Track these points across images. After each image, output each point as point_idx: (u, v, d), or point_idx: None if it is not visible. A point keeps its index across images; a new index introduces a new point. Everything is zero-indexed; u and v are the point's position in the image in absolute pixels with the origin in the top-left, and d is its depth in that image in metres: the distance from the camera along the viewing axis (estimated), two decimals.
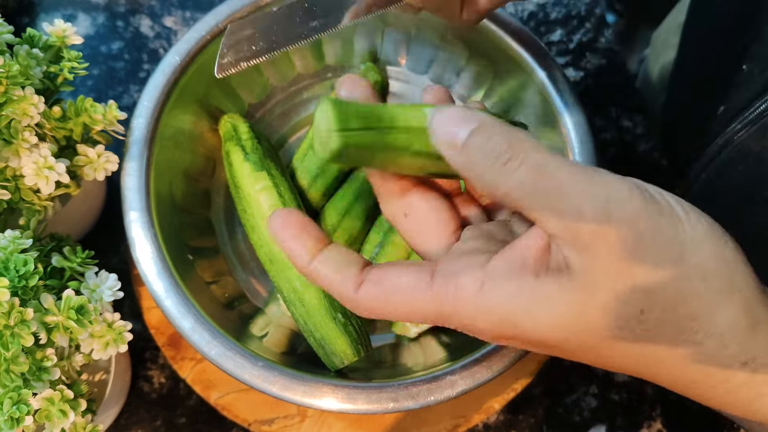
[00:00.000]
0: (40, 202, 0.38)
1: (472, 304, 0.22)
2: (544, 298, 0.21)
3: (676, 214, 0.21)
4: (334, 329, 0.40)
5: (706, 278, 0.21)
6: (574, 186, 0.21)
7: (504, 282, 0.21)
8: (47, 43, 0.40)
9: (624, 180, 0.21)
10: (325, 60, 0.52)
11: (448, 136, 0.22)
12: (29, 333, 0.31)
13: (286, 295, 0.42)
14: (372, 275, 0.24)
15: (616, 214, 0.20)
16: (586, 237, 0.21)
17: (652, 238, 0.21)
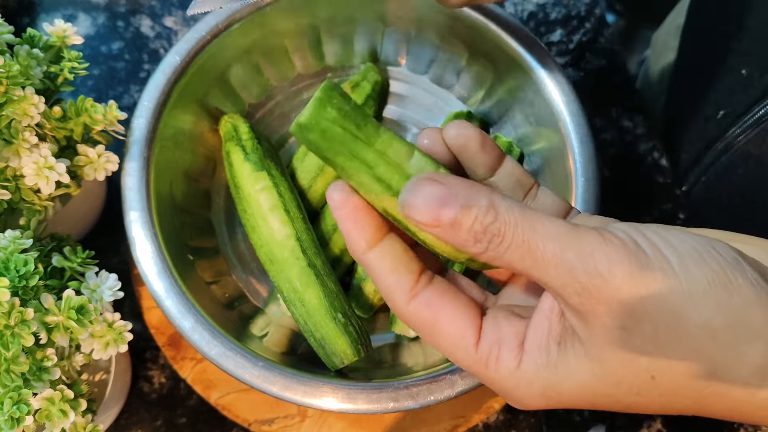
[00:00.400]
0: (41, 202, 0.38)
1: (512, 378, 0.23)
2: (567, 368, 0.22)
3: (670, 269, 0.20)
4: (335, 329, 0.40)
5: (715, 336, 0.20)
6: (560, 261, 0.20)
7: (537, 355, 0.22)
8: (47, 43, 0.40)
9: (610, 242, 0.20)
10: (325, 60, 0.52)
11: (429, 217, 0.21)
12: (29, 333, 0.31)
13: (286, 295, 0.42)
14: (426, 296, 0.24)
15: (602, 290, 0.20)
16: (580, 308, 0.21)
17: (642, 308, 0.20)
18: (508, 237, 0.21)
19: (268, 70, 0.50)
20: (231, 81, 0.48)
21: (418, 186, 0.21)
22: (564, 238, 0.20)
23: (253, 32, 0.47)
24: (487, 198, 0.21)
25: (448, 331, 0.23)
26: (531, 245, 0.20)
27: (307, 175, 0.47)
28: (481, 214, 0.21)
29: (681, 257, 0.20)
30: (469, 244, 0.21)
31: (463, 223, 0.21)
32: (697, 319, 0.20)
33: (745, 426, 0.48)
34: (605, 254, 0.20)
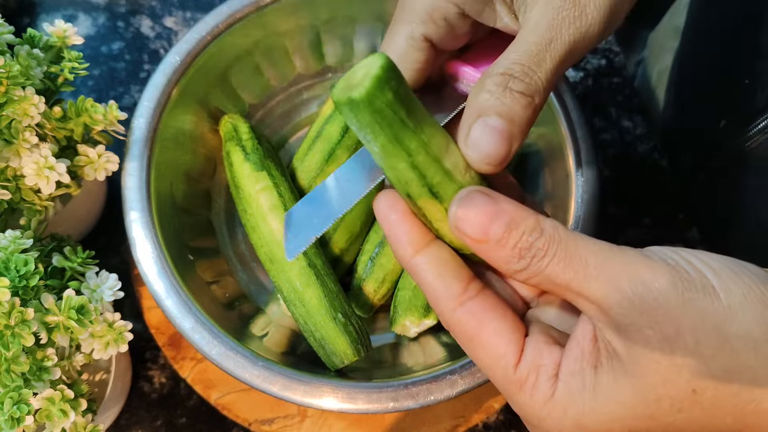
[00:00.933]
0: (41, 202, 0.38)
1: (545, 407, 0.22)
2: (605, 391, 0.21)
3: (709, 284, 0.20)
4: (334, 329, 0.40)
5: (756, 347, 0.20)
6: (602, 272, 0.21)
7: (572, 382, 0.22)
8: (48, 43, 0.40)
9: (651, 258, 0.21)
10: (325, 60, 0.52)
11: (479, 231, 0.22)
12: (30, 333, 0.31)
13: (286, 295, 0.42)
14: (474, 307, 0.24)
15: (644, 299, 0.20)
16: (621, 319, 0.21)
17: (684, 319, 0.20)
18: (551, 251, 0.21)
19: (268, 70, 0.50)
20: (231, 81, 0.48)
21: (471, 198, 0.22)
22: (607, 253, 0.21)
23: (253, 32, 0.47)
24: (534, 217, 0.22)
25: (490, 347, 0.23)
26: (573, 259, 0.21)
27: (307, 175, 0.47)
28: (527, 232, 0.21)
29: (717, 274, 0.21)
30: (512, 261, 0.22)
31: (509, 240, 0.21)
32: (738, 331, 0.20)
33: None
34: (648, 267, 0.21)
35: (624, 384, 0.21)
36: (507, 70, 0.24)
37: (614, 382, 0.21)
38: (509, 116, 0.24)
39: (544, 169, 0.46)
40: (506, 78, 0.24)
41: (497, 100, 0.24)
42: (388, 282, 0.45)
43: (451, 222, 0.22)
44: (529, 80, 0.24)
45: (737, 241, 0.45)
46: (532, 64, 0.24)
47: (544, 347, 0.23)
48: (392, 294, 0.46)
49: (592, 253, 0.21)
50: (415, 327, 0.44)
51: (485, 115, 0.24)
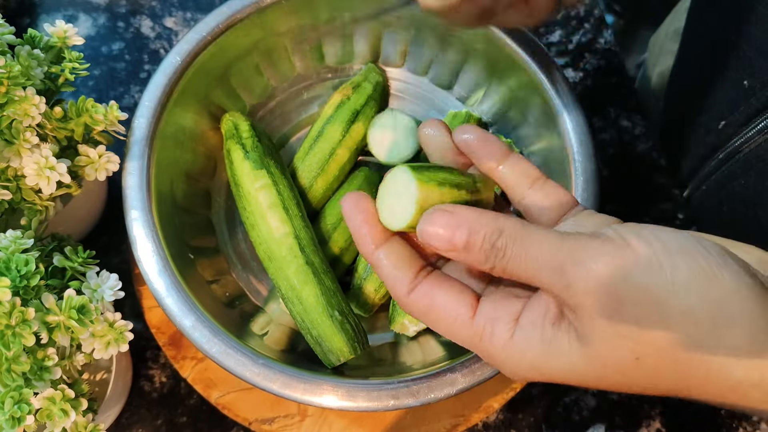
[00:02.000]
0: (42, 202, 0.39)
1: (504, 350, 0.25)
2: (559, 348, 0.24)
3: (656, 261, 0.22)
4: (331, 327, 0.40)
5: (697, 323, 0.22)
6: (549, 263, 0.23)
7: (530, 330, 0.24)
8: (48, 43, 0.40)
9: (598, 239, 0.23)
10: (325, 60, 0.52)
11: (445, 242, 0.24)
12: (31, 332, 0.31)
13: (284, 293, 0.42)
14: (424, 287, 0.26)
15: (587, 281, 0.22)
16: (569, 300, 0.23)
17: (626, 295, 0.22)
18: (509, 251, 0.23)
19: (269, 70, 0.50)
20: (231, 81, 0.48)
21: (432, 217, 0.24)
22: (556, 243, 0.23)
23: (253, 33, 0.47)
24: (493, 221, 0.24)
25: (445, 311, 0.26)
26: (529, 255, 0.23)
27: (308, 174, 0.47)
28: (488, 235, 0.24)
29: (668, 251, 0.22)
30: (481, 262, 0.24)
31: (474, 244, 0.24)
32: (679, 306, 0.22)
33: (743, 425, 0.48)
34: (591, 249, 0.23)
35: (575, 348, 0.23)
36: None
37: (568, 344, 0.24)
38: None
39: (544, 169, 0.46)
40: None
41: None
42: None
43: (421, 239, 0.25)
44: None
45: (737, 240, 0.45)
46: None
47: (501, 300, 0.26)
48: None
49: (545, 246, 0.23)
50: (414, 326, 0.44)
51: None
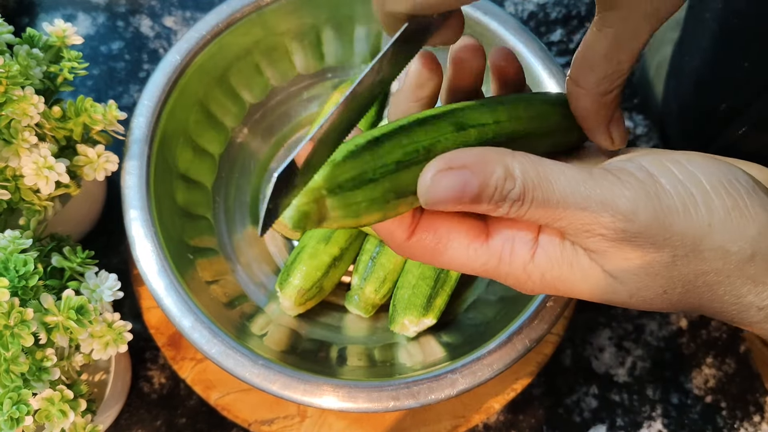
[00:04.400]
0: (40, 202, 0.38)
1: (525, 270, 0.24)
2: (582, 270, 0.23)
3: (691, 200, 0.22)
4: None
5: (726, 258, 0.22)
6: (584, 211, 0.21)
7: (551, 249, 0.23)
8: (47, 43, 0.40)
9: (630, 184, 0.22)
10: (325, 60, 0.52)
11: (454, 204, 0.22)
12: (29, 333, 0.31)
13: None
14: (424, 223, 0.24)
15: (626, 230, 0.21)
16: (602, 248, 0.22)
17: (663, 242, 0.22)
18: (528, 199, 0.21)
19: (268, 70, 0.50)
20: (231, 81, 0.48)
21: (438, 179, 0.22)
22: (582, 189, 0.21)
23: (253, 32, 0.47)
24: (501, 166, 0.22)
25: (454, 241, 0.24)
26: (551, 201, 0.21)
27: None
28: (500, 184, 0.21)
29: (703, 190, 0.22)
30: (491, 210, 0.22)
31: (483, 198, 0.21)
32: (714, 245, 0.22)
33: (744, 425, 0.48)
34: (627, 198, 0.21)
35: (599, 275, 0.23)
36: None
37: (590, 268, 0.23)
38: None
39: None
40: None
41: None
42: (389, 282, 0.45)
43: (422, 202, 0.22)
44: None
45: None
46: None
47: (515, 223, 0.24)
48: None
49: (570, 193, 0.21)
50: (414, 326, 0.44)
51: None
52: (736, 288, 0.22)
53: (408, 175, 0.23)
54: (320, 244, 0.45)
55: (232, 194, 0.49)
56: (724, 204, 0.22)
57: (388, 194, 0.22)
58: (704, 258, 0.22)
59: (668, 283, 0.22)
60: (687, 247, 0.22)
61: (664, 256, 0.22)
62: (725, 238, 0.22)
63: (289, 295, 0.44)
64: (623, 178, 0.22)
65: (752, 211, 0.22)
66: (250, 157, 0.51)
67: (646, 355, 0.50)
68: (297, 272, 0.44)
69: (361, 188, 0.22)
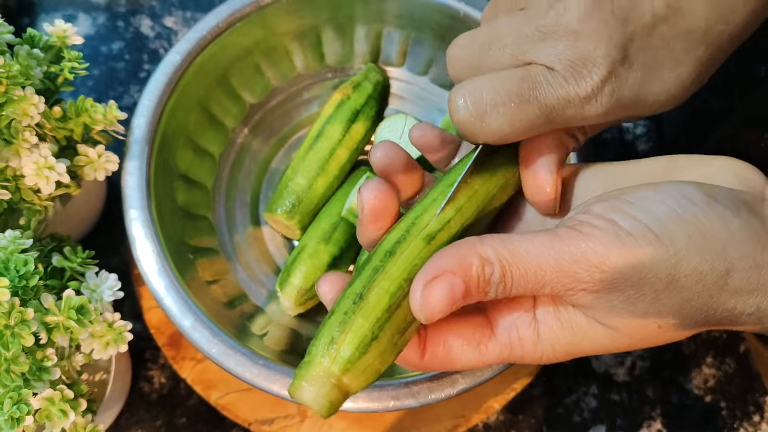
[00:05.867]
0: (41, 202, 0.38)
1: (536, 350, 0.25)
2: (579, 330, 0.24)
3: (652, 236, 0.22)
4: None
5: (702, 279, 0.22)
6: (559, 273, 0.22)
7: (551, 320, 0.25)
8: (48, 43, 0.40)
9: (593, 236, 0.22)
10: (326, 60, 0.52)
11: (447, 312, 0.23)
12: (29, 333, 0.31)
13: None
14: (432, 340, 0.25)
15: (603, 280, 0.22)
16: (586, 303, 0.23)
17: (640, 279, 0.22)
18: (509, 278, 0.23)
19: (269, 70, 0.50)
20: (231, 81, 0.48)
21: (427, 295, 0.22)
22: (553, 252, 0.22)
23: (253, 32, 0.47)
24: (476, 257, 0.23)
25: (465, 349, 0.25)
26: (530, 273, 0.23)
27: (308, 174, 0.47)
28: (480, 273, 0.22)
29: (660, 222, 0.22)
30: (482, 297, 0.23)
31: (471, 290, 0.23)
32: (686, 271, 0.22)
33: (744, 426, 0.48)
34: (593, 251, 0.22)
35: (597, 329, 0.24)
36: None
37: (588, 325, 0.24)
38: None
39: None
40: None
41: None
42: None
43: (421, 319, 0.23)
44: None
45: None
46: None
47: (508, 306, 0.25)
48: None
49: (544, 260, 0.22)
50: None
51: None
52: (723, 303, 0.23)
53: (402, 312, 0.24)
54: (320, 243, 0.45)
55: (232, 194, 0.49)
56: (684, 229, 0.22)
57: (393, 338, 0.23)
58: (683, 285, 0.22)
59: (659, 318, 0.23)
60: (663, 281, 0.22)
61: (646, 293, 0.22)
62: (695, 261, 0.22)
63: (290, 294, 0.44)
64: (585, 231, 0.22)
65: (711, 227, 0.22)
66: (250, 158, 0.51)
67: (646, 354, 0.50)
68: (297, 272, 0.44)
69: (369, 351, 0.23)
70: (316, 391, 0.22)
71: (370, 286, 0.23)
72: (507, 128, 0.25)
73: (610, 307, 0.23)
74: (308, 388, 0.22)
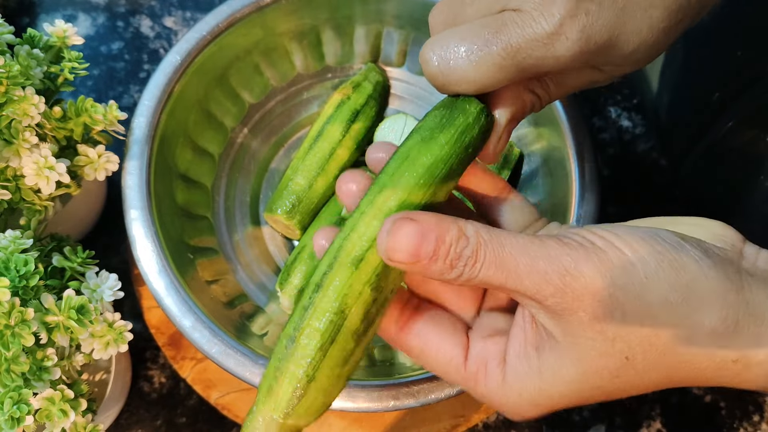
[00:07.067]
0: (41, 202, 0.38)
1: (500, 391, 0.24)
2: (551, 370, 0.23)
3: (626, 259, 0.22)
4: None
5: (673, 310, 0.22)
6: (533, 270, 0.22)
7: (518, 364, 0.24)
8: (48, 43, 0.40)
9: (570, 245, 0.22)
10: (325, 60, 0.52)
11: (410, 256, 0.22)
12: (30, 333, 0.31)
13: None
14: (414, 327, 0.26)
15: (573, 287, 0.22)
16: (556, 307, 0.22)
17: (609, 297, 0.22)
18: (481, 257, 0.22)
19: (268, 70, 0.50)
20: (231, 81, 0.48)
21: (397, 227, 0.22)
22: (531, 249, 0.22)
23: (253, 32, 0.47)
24: (455, 226, 0.22)
25: (438, 357, 0.25)
26: (503, 260, 0.22)
27: (308, 173, 0.47)
28: (454, 242, 0.22)
29: (632, 246, 0.22)
30: (446, 271, 0.22)
31: (440, 255, 0.22)
32: (656, 298, 0.22)
33: (744, 425, 0.48)
34: (570, 257, 0.22)
35: (566, 362, 0.23)
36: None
37: (557, 361, 0.23)
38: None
39: (544, 169, 0.46)
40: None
41: None
42: None
43: (382, 254, 0.23)
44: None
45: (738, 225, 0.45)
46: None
47: (488, 340, 0.25)
48: None
49: (520, 253, 0.22)
50: None
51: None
52: (700, 345, 0.22)
53: (339, 344, 0.23)
54: None
55: (232, 194, 0.49)
56: (655, 259, 0.22)
57: (334, 371, 0.23)
58: (653, 313, 0.22)
59: (628, 348, 0.22)
60: (632, 302, 0.22)
61: (615, 313, 0.22)
62: (664, 289, 0.22)
63: (290, 294, 0.44)
64: (565, 242, 0.22)
65: (682, 262, 0.22)
66: (250, 157, 0.51)
67: None
68: (297, 272, 0.44)
69: (307, 393, 0.23)
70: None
71: (301, 327, 0.23)
72: (472, 73, 0.25)
73: (578, 323, 0.22)
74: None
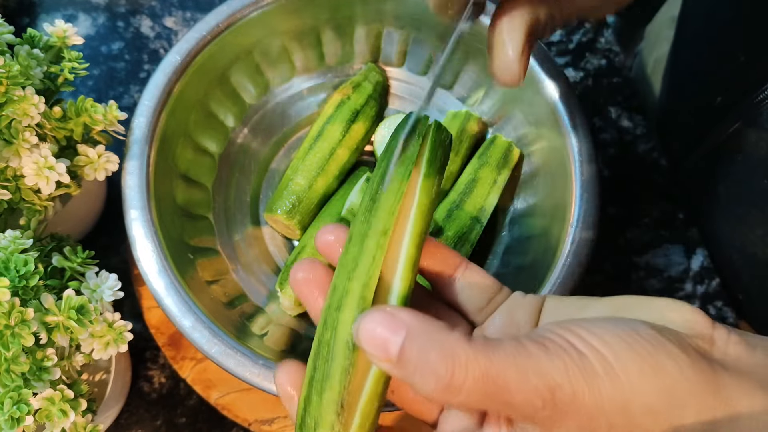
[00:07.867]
0: (41, 202, 0.38)
1: None
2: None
3: (609, 366, 0.21)
4: None
5: (657, 418, 0.22)
6: (526, 383, 0.21)
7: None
8: (48, 43, 0.40)
9: (559, 356, 0.22)
10: (325, 60, 0.52)
11: (378, 348, 0.21)
12: (30, 333, 0.31)
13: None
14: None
15: (561, 399, 0.21)
16: (547, 421, 0.22)
17: (595, 407, 0.21)
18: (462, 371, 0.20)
19: (268, 70, 0.50)
20: (231, 81, 0.48)
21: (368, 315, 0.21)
22: (519, 363, 0.21)
23: (253, 32, 0.47)
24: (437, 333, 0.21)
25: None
26: (492, 378, 0.21)
27: (308, 174, 0.47)
28: (432, 341, 0.20)
29: (616, 353, 0.22)
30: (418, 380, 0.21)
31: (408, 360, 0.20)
32: (641, 407, 0.22)
33: None
34: (559, 370, 0.21)
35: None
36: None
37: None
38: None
39: (544, 169, 0.46)
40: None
41: None
42: None
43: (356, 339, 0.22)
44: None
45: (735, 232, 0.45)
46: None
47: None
48: None
49: (508, 368, 0.21)
50: None
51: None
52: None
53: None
54: None
55: (232, 194, 0.49)
56: (636, 364, 0.22)
57: None
58: (639, 423, 0.22)
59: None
60: (618, 412, 0.21)
61: (602, 424, 0.22)
62: (647, 395, 0.21)
63: (290, 294, 0.44)
64: (549, 350, 0.22)
65: (660, 362, 0.22)
66: (250, 157, 0.51)
67: None
68: None
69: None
70: None
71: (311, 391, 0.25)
72: None
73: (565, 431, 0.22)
74: None
